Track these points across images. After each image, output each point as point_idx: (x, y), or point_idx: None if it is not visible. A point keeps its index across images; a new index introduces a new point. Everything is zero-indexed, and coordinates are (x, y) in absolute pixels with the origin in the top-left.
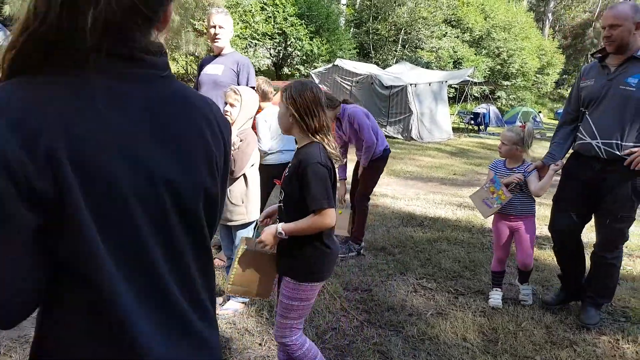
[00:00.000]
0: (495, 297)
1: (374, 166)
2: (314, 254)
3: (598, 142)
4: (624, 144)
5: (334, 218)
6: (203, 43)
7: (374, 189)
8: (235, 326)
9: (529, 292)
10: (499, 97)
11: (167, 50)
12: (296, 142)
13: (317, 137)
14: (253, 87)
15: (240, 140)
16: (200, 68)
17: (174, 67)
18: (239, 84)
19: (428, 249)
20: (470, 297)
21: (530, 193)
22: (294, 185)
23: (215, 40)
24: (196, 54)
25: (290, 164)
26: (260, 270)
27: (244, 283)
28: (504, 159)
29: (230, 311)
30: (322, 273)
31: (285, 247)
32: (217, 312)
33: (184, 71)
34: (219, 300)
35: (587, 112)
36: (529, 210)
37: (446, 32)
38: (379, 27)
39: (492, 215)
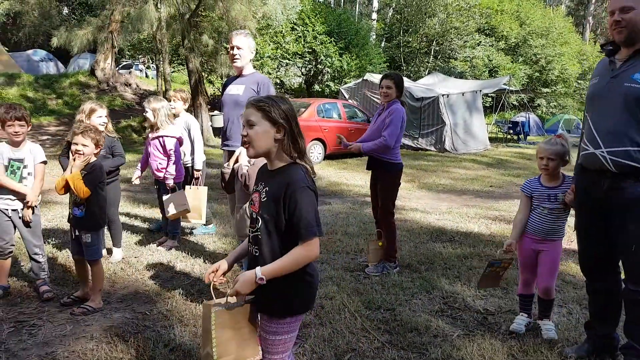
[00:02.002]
0: (519, 321)
1: (391, 181)
2: (297, 286)
3: (603, 152)
4: (635, 149)
5: (318, 247)
6: None
7: (403, 203)
8: None
9: (551, 327)
10: (538, 104)
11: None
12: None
13: (302, 158)
14: None
15: (253, 162)
16: (224, 88)
17: (210, 89)
18: None
19: (458, 266)
20: (501, 317)
21: (566, 216)
22: (278, 210)
23: (234, 61)
24: (231, 75)
25: (265, 188)
26: (241, 330)
27: (230, 350)
28: (537, 177)
29: None
30: (306, 304)
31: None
32: None
33: (219, 93)
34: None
35: (588, 117)
36: (556, 234)
37: (480, 41)
38: (410, 39)
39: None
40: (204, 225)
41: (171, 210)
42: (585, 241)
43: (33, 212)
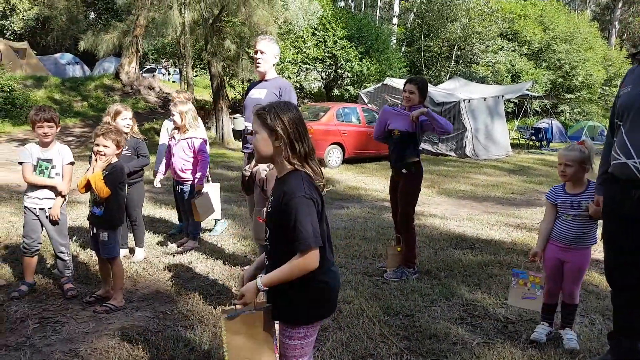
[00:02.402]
0: (540, 330)
1: (412, 186)
2: (307, 295)
3: (635, 162)
4: None
5: (318, 257)
6: None
7: (422, 209)
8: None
9: (573, 337)
10: (562, 111)
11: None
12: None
13: (304, 164)
14: None
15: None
16: (247, 92)
17: (231, 94)
18: None
19: (478, 273)
20: (522, 325)
21: (593, 223)
22: (280, 220)
23: (257, 65)
24: (252, 80)
25: (272, 198)
26: (255, 337)
27: (242, 356)
28: (562, 184)
29: None
30: (319, 312)
31: (273, 291)
32: None
33: (240, 97)
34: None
35: (621, 126)
36: (582, 242)
37: (502, 46)
38: (431, 44)
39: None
40: (218, 220)
41: (202, 212)
42: (613, 251)
43: (63, 201)
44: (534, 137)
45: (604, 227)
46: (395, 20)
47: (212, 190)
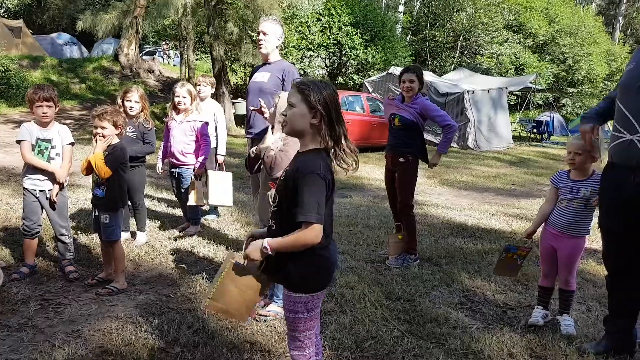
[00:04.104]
0: (535, 314)
1: (408, 174)
2: (306, 264)
3: None
4: None
5: (320, 235)
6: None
7: (424, 199)
8: (276, 329)
9: (570, 323)
10: (564, 104)
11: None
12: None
13: (335, 145)
14: None
15: (284, 144)
16: (251, 76)
17: (233, 78)
18: (284, 90)
19: (478, 261)
20: (520, 311)
21: (592, 211)
22: (288, 190)
23: (259, 47)
24: (254, 64)
25: (287, 168)
26: (243, 292)
27: (224, 301)
28: (567, 170)
29: (272, 314)
30: (318, 283)
31: (277, 257)
32: (259, 313)
33: (242, 82)
34: (260, 302)
35: (621, 105)
36: (574, 230)
37: (507, 38)
38: (437, 33)
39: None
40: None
41: (198, 197)
42: (610, 238)
43: (61, 189)
44: (535, 130)
45: (602, 213)
46: (401, 8)
47: (227, 179)
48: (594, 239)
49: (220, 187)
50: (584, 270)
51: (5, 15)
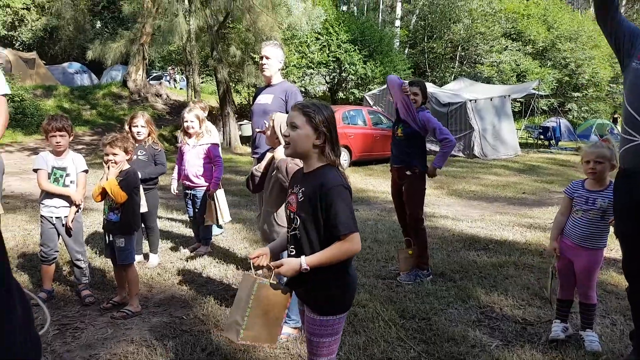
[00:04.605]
0: (555, 328)
1: (416, 186)
2: (338, 283)
3: None
4: None
5: (360, 243)
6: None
7: (432, 210)
8: (289, 351)
9: (594, 338)
10: (569, 109)
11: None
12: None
13: (336, 161)
14: None
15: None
16: (254, 98)
17: (237, 99)
18: (287, 111)
19: (493, 275)
20: (541, 327)
21: (604, 224)
22: (314, 209)
23: (263, 70)
24: (257, 85)
25: (302, 189)
26: (269, 312)
27: (255, 328)
28: (581, 180)
29: (284, 336)
30: (347, 302)
31: (306, 279)
32: None
33: (246, 102)
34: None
35: (626, 101)
36: (590, 242)
37: (507, 46)
38: (435, 45)
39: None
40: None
41: (214, 216)
42: (628, 247)
43: (77, 211)
44: (542, 136)
45: (617, 221)
46: (397, 23)
47: (220, 195)
48: (613, 248)
49: (225, 204)
50: (605, 282)
51: (20, 48)
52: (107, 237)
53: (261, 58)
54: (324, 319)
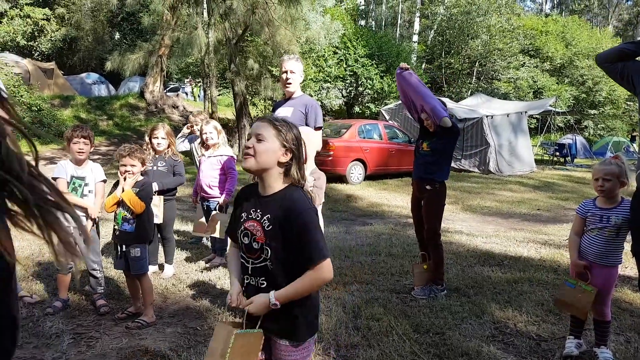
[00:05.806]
0: (569, 345)
1: (435, 201)
2: (310, 305)
3: None
4: None
5: (332, 269)
6: (280, 88)
7: (447, 225)
8: None
9: (608, 355)
10: (586, 126)
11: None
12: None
13: (301, 180)
14: (320, 127)
15: (314, 179)
16: (273, 111)
17: (253, 111)
18: (307, 124)
19: (508, 291)
20: (555, 343)
21: (619, 241)
22: (286, 237)
23: (287, 85)
24: (274, 98)
25: (266, 215)
26: (249, 356)
27: None
28: (592, 198)
29: None
30: (316, 323)
31: (280, 310)
32: None
33: (262, 115)
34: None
35: None
36: (605, 259)
37: (524, 62)
38: (452, 60)
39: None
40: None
41: (220, 229)
42: None
43: (94, 225)
44: (557, 153)
45: (634, 240)
46: (415, 38)
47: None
48: (628, 265)
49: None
50: (620, 299)
51: (39, 58)
52: (119, 248)
53: (285, 72)
54: (300, 345)
